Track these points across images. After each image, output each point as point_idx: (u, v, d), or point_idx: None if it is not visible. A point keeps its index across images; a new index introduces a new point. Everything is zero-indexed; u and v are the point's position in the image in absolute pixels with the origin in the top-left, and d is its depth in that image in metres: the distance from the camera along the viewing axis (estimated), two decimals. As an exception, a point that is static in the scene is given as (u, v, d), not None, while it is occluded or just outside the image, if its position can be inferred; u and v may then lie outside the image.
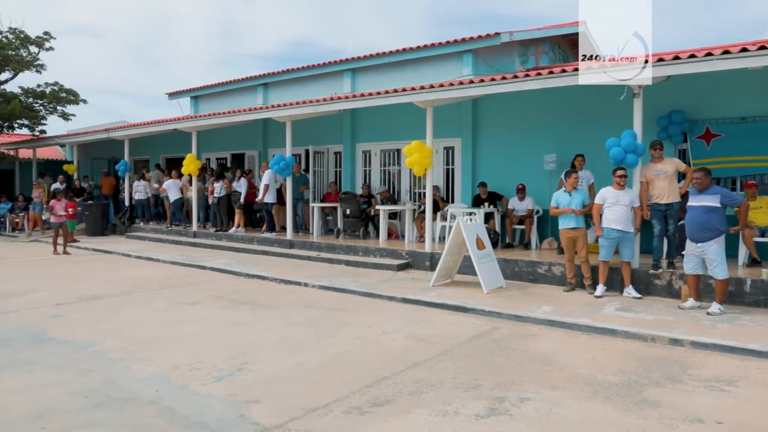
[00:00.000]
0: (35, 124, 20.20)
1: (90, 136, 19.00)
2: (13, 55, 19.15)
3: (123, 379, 4.85)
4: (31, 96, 20.25)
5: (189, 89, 20.15)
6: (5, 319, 6.94)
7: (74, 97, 20.81)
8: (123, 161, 17.28)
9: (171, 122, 15.56)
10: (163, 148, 19.87)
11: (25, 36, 19.51)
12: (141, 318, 7.08)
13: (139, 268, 11.25)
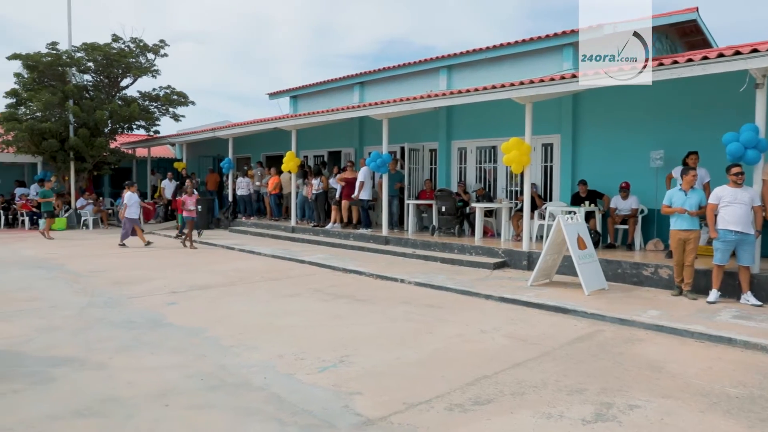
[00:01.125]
0: (150, 125, 21.72)
1: (197, 135, 20.17)
2: (133, 63, 20.67)
3: (234, 365, 5.12)
4: (147, 99, 21.78)
5: (288, 89, 20.91)
6: (130, 304, 7.53)
7: (184, 99, 22.16)
8: (227, 159, 18.19)
9: (272, 121, 16.21)
10: (264, 146, 20.72)
11: (143, 44, 21.02)
12: (246, 308, 7.44)
13: (242, 260, 11.82)
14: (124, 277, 9.56)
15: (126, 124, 21.02)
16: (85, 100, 19.89)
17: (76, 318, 6.82)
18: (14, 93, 19.82)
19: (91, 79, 21.20)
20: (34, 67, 19.53)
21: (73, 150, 19.34)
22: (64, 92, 19.06)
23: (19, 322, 6.53)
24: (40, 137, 18.90)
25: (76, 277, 9.55)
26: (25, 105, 19.79)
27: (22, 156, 20.10)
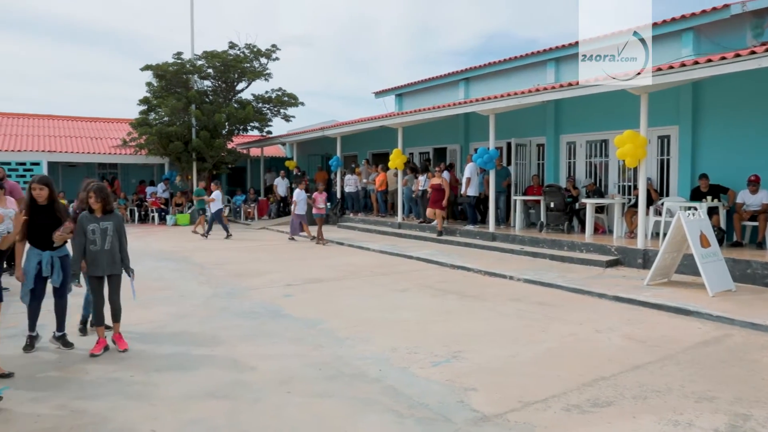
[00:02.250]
0: (263, 126, 22.85)
1: (307, 134, 20.96)
2: (248, 67, 21.86)
3: (349, 357, 5.33)
4: (260, 101, 22.93)
5: (393, 87, 21.19)
6: (251, 295, 8.02)
7: (294, 100, 23.10)
8: (335, 157, 18.76)
9: (378, 119, 16.51)
10: (370, 143, 21.15)
11: (257, 50, 22.16)
12: (359, 302, 7.67)
13: (351, 255, 12.17)
14: (242, 270, 10.17)
15: (241, 126, 22.26)
16: (206, 104, 21.29)
17: (203, 307, 7.37)
18: (146, 101, 21.61)
19: (211, 85, 22.65)
20: (162, 76, 21.19)
21: (195, 151, 20.77)
22: (187, 98, 20.53)
23: (154, 309, 7.15)
24: (167, 140, 20.48)
25: (200, 269, 10.29)
26: (155, 111, 21.53)
27: (152, 157, 21.89)
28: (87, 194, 5.39)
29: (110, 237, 5.41)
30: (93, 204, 5.38)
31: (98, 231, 5.38)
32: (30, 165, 20.50)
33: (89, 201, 5.38)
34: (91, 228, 5.37)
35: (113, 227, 5.45)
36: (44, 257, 5.36)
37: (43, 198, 5.33)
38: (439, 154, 17.96)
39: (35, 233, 5.36)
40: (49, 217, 5.35)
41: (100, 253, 5.38)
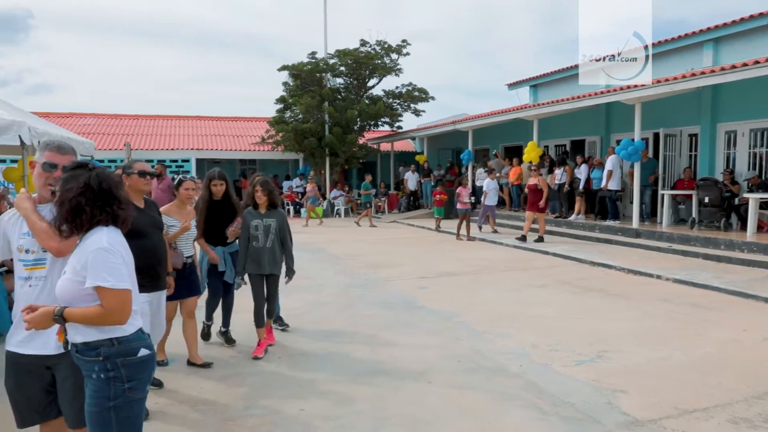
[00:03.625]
0: (394, 121, 23.21)
1: (438, 129, 20.97)
2: (379, 64, 22.32)
3: (488, 351, 5.23)
4: (391, 97, 23.31)
5: (527, 78, 20.57)
6: (387, 287, 8.17)
7: (424, 95, 23.21)
8: (467, 151, 18.58)
9: (512, 112, 16.10)
10: (502, 137, 20.69)
11: (388, 46, 22.54)
12: (494, 296, 7.53)
13: (484, 249, 11.99)
14: (376, 261, 10.39)
15: (372, 121, 22.77)
16: (338, 101, 22.05)
17: (341, 295, 7.61)
18: (282, 99, 22.83)
19: (343, 82, 23.40)
20: (297, 76, 22.26)
21: (329, 147, 21.58)
22: (321, 95, 21.38)
23: (295, 296, 7.48)
24: (302, 136, 21.49)
25: (336, 260, 10.65)
26: (290, 109, 22.69)
27: (288, 153, 23.09)
28: (253, 188, 5.18)
29: (272, 235, 5.15)
30: (259, 198, 5.15)
31: (261, 227, 5.13)
32: (181, 162, 22.49)
33: (255, 195, 5.16)
34: (254, 224, 5.13)
35: (276, 225, 5.18)
36: (217, 253, 5.26)
37: (221, 193, 5.24)
38: (577, 147, 17.15)
39: (210, 228, 5.27)
40: (224, 212, 5.26)
41: (262, 251, 5.11)
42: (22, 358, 2.56)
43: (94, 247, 2.21)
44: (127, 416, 2.28)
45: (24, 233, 2.60)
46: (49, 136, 7.05)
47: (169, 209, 4.67)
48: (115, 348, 2.26)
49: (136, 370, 2.30)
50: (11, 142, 6.03)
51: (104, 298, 2.18)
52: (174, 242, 4.56)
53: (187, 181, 4.78)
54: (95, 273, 2.18)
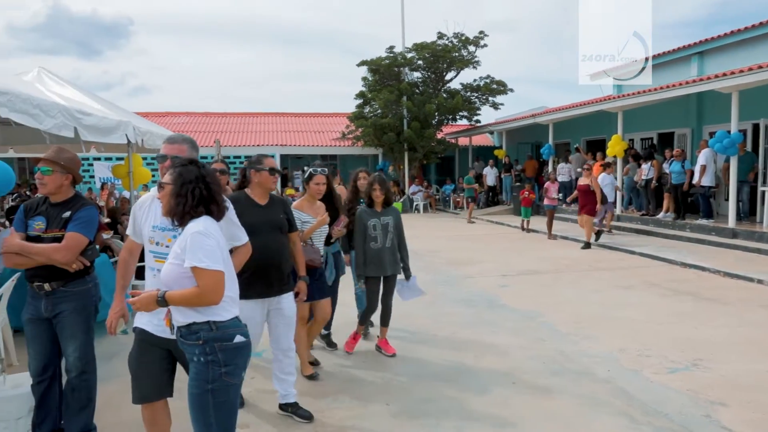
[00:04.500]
0: (472, 115, 22.98)
1: (517, 122, 20.57)
2: (456, 57, 22.14)
3: (573, 353, 5.13)
4: (468, 90, 23.07)
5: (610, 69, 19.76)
6: (468, 284, 8.15)
7: (503, 87, 22.82)
8: (548, 145, 18.13)
9: (596, 104, 15.54)
10: (584, 130, 20.03)
11: (465, 38, 22.31)
12: (577, 296, 7.35)
13: (566, 248, 11.69)
14: (457, 258, 10.37)
15: (450, 115, 22.65)
16: (416, 96, 22.06)
17: (422, 292, 7.64)
18: (361, 95, 23.11)
19: (421, 76, 23.38)
20: (376, 71, 22.46)
21: (407, 141, 21.65)
22: (399, 90, 21.47)
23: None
24: (381, 131, 21.68)
25: (417, 256, 10.67)
26: (369, 104, 22.92)
27: (368, 148, 23.37)
28: (370, 186, 4.91)
29: (391, 234, 4.91)
30: (376, 197, 4.88)
31: (379, 227, 4.87)
32: (268, 157, 23.21)
33: (372, 193, 4.89)
34: (372, 223, 4.86)
35: (393, 223, 4.95)
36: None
37: (323, 191, 4.83)
38: (665, 140, 16.34)
39: None
40: (327, 210, 4.81)
41: (382, 251, 4.86)
42: (149, 336, 2.79)
43: (192, 231, 2.39)
44: (223, 400, 2.42)
45: (154, 226, 2.81)
46: (150, 134, 7.51)
47: (301, 204, 4.47)
48: (213, 333, 2.41)
49: (232, 355, 2.44)
50: (119, 140, 6.47)
51: (200, 278, 2.34)
52: (310, 238, 4.37)
53: (317, 175, 4.49)
54: (193, 254, 2.34)
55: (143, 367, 2.84)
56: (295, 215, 4.10)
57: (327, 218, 4.41)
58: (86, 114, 5.82)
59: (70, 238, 3.07)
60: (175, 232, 2.73)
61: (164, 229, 2.80)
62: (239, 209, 3.31)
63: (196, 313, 2.40)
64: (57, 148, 3.34)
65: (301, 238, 4.16)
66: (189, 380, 2.46)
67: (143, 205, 2.93)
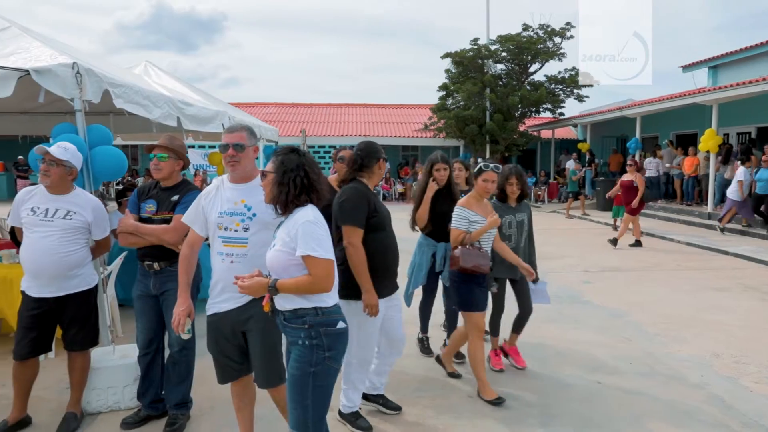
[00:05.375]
0: (556, 107, 22.34)
1: (603, 115, 19.84)
2: (541, 48, 21.56)
3: (662, 355, 4.95)
4: (553, 82, 22.42)
5: (705, 60, 18.73)
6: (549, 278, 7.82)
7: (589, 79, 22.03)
8: (634, 138, 17.39)
9: (689, 96, 14.73)
10: (674, 124, 19.07)
11: (551, 30, 21.68)
12: (665, 296, 7.07)
13: (652, 245, 11.19)
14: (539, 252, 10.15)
15: (534, 108, 22.11)
16: (500, 88, 21.68)
17: (502, 286, 7.57)
18: (444, 87, 22.98)
19: (504, 68, 22.95)
20: (459, 63, 22.26)
21: (489, 134, 21.35)
22: (483, 82, 21.18)
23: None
24: (463, 123, 21.49)
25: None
26: (452, 96, 22.77)
27: (449, 140, 23.26)
28: (505, 179, 4.35)
29: (525, 232, 4.52)
30: (512, 191, 4.39)
31: (515, 224, 4.44)
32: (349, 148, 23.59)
33: (508, 187, 4.37)
34: (507, 220, 4.40)
35: (527, 219, 4.55)
36: (439, 249, 4.57)
37: (445, 180, 4.58)
38: (764, 135, 15.30)
39: (434, 221, 4.59)
40: (447, 202, 4.49)
41: (516, 251, 4.36)
42: (220, 321, 2.93)
43: (303, 220, 2.45)
44: (322, 384, 2.51)
45: (221, 212, 2.88)
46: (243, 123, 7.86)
47: (468, 202, 3.97)
48: (319, 318, 2.48)
49: (335, 340, 2.52)
50: (215, 129, 6.80)
51: (313, 267, 2.41)
52: (477, 241, 3.89)
53: (488, 171, 3.89)
54: (305, 243, 2.40)
55: (221, 351, 2.99)
56: (462, 214, 3.87)
57: (498, 219, 3.97)
58: (188, 104, 6.16)
59: (178, 220, 3.27)
60: (243, 216, 2.86)
61: (232, 214, 2.88)
62: (375, 201, 3.40)
63: (303, 300, 2.48)
64: (169, 136, 3.58)
65: (466, 240, 3.83)
66: (290, 362, 2.54)
67: (208, 195, 2.98)
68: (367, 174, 3.51)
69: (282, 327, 2.59)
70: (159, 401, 3.71)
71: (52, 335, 3.63)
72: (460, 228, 3.88)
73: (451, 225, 3.92)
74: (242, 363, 3.00)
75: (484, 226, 3.89)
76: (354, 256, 3.28)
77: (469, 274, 3.82)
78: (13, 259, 4.83)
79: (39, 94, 4.19)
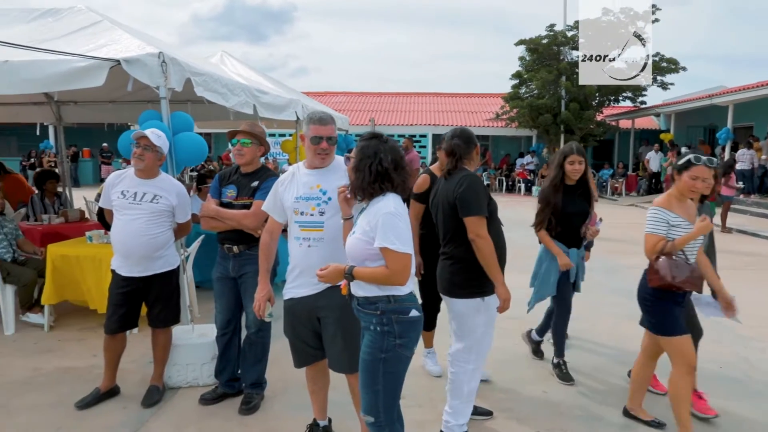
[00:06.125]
0: (637, 96, 21.36)
1: (690, 104, 18.81)
2: (622, 34, 20.60)
3: (757, 360, 4.66)
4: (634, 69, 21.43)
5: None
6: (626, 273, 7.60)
7: (674, 65, 20.88)
8: (725, 129, 16.37)
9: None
10: (772, 113, 17.82)
11: (633, 13, 20.67)
12: (762, 298, 6.63)
13: (746, 243, 10.54)
14: (614, 247, 9.79)
15: (613, 96, 21.26)
16: (576, 76, 20.95)
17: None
18: (518, 75, 22.47)
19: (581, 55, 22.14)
20: (534, 50, 21.68)
21: (564, 123, 20.71)
22: (558, 70, 20.53)
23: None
24: (536, 113, 20.94)
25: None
26: (526, 85, 22.23)
27: (521, 129, 22.76)
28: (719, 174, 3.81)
29: (706, 238, 3.70)
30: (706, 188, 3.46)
31: None
32: (418, 137, 23.52)
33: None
34: None
35: None
36: (571, 257, 4.08)
37: (578, 175, 4.04)
38: None
39: (563, 223, 4.07)
40: (580, 201, 4.09)
41: None
42: (296, 306, 2.95)
43: (384, 211, 2.40)
44: (393, 371, 2.49)
45: (297, 197, 2.89)
46: (315, 113, 7.97)
47: (668, 202, 3.25)
48: (391, 305, 2.46)
49: (407, 328, 2.48)
50: (289, 117, 6.92)
51: (390, 259, 2.37)
52: (681, 251, 3.20)
53: (699, 166, 3.14)
54: (384, 235, 2.36)
55: (297, 335, 3.03)
56: (660, 216, 3.20)
57: (710, 224, 3.25)
58: (263, 93, 6.29)
59: (257, 206, 3.32)
60: (319, 200, 2.85)
61: (308, 199, 2.87)
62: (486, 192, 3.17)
63: (376, 288, 2.47)
64: (251, 123, 3.65)
65: (667, 249, 3.16)
66: (362, 347, 2.55)
67: (284, 182, 2.98)
68: (467, 161, 3.28)
69: (356, 312, 2.59)
70: (235, 380, 3.82)
71: (138, 312, 3.82)
72: (659, 234, 3.18)
73: (647, 230, 3.22)
74: (318, 348, 3.03)
75: (692, 232, 3.17)
76: (485, 247, 3.02)
77: (665, 290, 3.18)
78: (102, 240, 5.10)
79: (127, 84, 4.38)
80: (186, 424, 3.50)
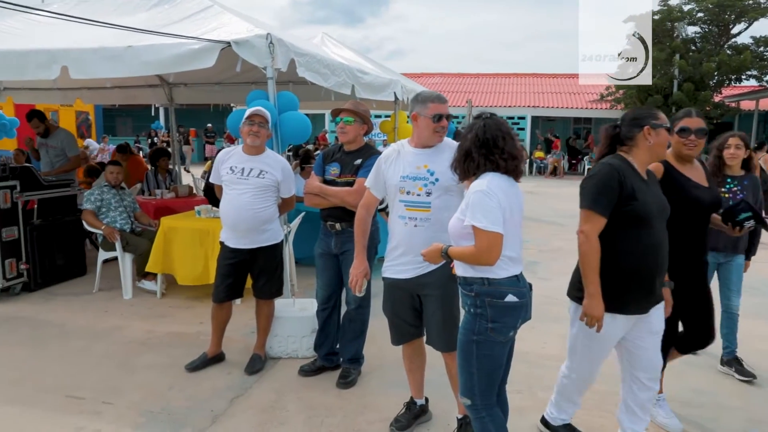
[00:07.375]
0: (763, 74, 19.55)
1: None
2: (750, 5, 18.88)
3: None
4: (762, 45, 19.60)
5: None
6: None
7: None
8: None
9: None
10: None
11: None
12: None
13: None
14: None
15: (734, 75, 19.58)
16: (692, 54, 19.50)
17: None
18: (626, 53, 21.20)
19: (699, 30, 20.54)
20: (644, 26, 20.34)
21: (676, 105, 19.35)
22: (671, 48, 19.16)
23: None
24: (645, 94, 19.71)
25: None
26: (634, 63, 20.95)
27: (625, 112, 21.56)
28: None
29: None
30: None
31: None
32: (517, 119, 22.91)
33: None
34: None
35: None
36: None
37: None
38: None
39: None
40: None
41: None
42: (397, 283, 2.96)
43: (475, 189, 2.38)
44: (487, 354, 2.44)
45: (403, 176, 2.87)
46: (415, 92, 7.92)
47: None
48: (486, 288, 2.42)
49: (501, 313, 2.42)
50: (387, 98, 6.93)
51: (477, 238, 2.35)
52: None
53: None
54: (472, 213, 2.34)
55: (396, 313, 3.04)
56: None
57: None
58: (364, 73, 6.33)
59: (361, 184, 3.35)
60: (426, 180, 2.82)
61: (415, 178, 2.85)
62: (636, 184, 2.59)
63: (472, 269, 2.45)
64: (354, 102, 3.69)
65: None
66: (460, 327, 2.54)
67: (389, 158, 2.97)
68: (629, 148, 2.69)
69: (460, 292, 2.57)
70: (333, 354, 3.91)
71: (243, 283, 4.00)
72: None
73: None
74: (417, 326, 3.04)
75: None
76: (582, 246, 2.60)
77: None
78: (210, 214, 5.39)
79: (234, 65, 4.56)
80: (286, 392, 3.63)
